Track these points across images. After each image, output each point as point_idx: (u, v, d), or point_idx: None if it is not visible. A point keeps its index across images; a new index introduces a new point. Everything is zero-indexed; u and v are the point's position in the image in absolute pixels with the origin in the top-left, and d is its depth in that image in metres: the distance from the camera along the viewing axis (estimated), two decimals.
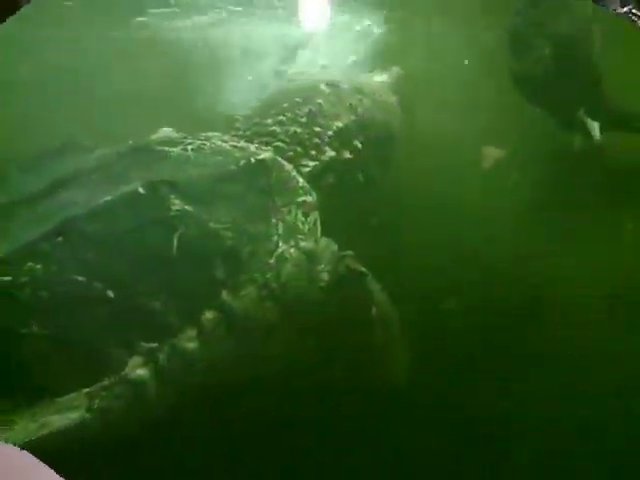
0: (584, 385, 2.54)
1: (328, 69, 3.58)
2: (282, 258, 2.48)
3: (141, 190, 2.31)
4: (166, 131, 2.87)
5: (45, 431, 1.96)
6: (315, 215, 2.66)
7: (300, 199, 2.65)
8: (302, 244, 2.56)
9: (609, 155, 3.49)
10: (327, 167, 2.92)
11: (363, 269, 2.61)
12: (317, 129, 2.97)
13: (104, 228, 2.22)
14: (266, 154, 2.65)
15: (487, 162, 3.47)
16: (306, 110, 2.99)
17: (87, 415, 2.02)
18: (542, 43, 3.39)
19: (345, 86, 3.15)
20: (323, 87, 3.10)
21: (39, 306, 2.06)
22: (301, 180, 2.70)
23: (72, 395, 2.01)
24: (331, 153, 2.94)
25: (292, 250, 2.51)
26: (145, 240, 2.25)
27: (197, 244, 2.31)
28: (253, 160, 2.59)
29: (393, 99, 3.41)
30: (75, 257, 2.15)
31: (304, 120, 2.96)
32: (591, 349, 2.62)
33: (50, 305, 2.07)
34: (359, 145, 3.04)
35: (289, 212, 2.59)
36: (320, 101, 3.03)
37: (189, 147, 2.60)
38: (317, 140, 2.94)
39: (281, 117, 2.94)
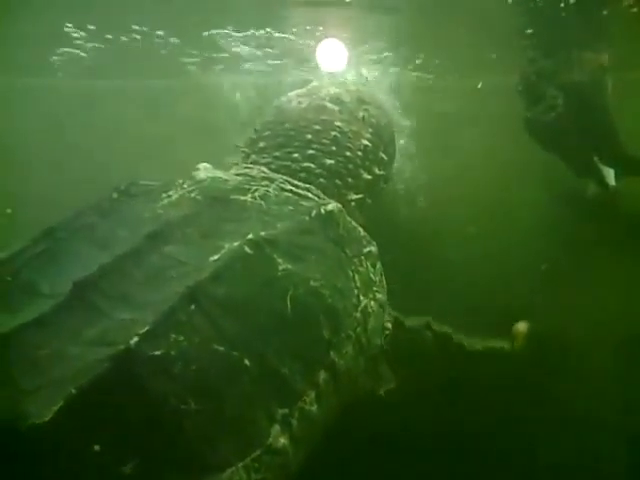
0: None
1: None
2: (365, 312, 2.54)
3: (248, 250, 2.31)
4: (205, 167, 2.83)
5: None
6: (379, 265, 2.72)
7: (366, 250, 2.69)
8: (378, 296, 2.64)
9: (624, 202, 3.51)
10: (366, 191, 2.96)
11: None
12: (348, 154, 2.98)
13: (228, 293, 2.21)
14: (332, 205, 2.67)
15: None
16: (331, 136, 2.98)
17: None
18: (554, 92, 3.44)
19: (348, 99, 3.13)
20: (331, 106, 3.07)
21: (192, 381, 2.03)
22: (361, 230, 2.74)
23: (232, 470, 2.02)
24: (367, 176, 2.99)
25: (372, 303, 2.59)
26: (264, 303, 2.26)
27: (305, 304, 2.34)
28: (323, 211, 2.62)
29: (382, 97, 3.44)
30: (210, 325, 2.13)
31: (333, 149, 2.96)
32: None
33: (200, 379, 2.05)
34: (385, 157, 3.10)
35: (360, 263, 2.63)
36: (339, 124, 3.02)
37: (256, 194, 2.60)
38: (351, 166, 2.97)
39: (310, 151, 2.93)
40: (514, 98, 3.57)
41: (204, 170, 2.81)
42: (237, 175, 2.76)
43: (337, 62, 3.73)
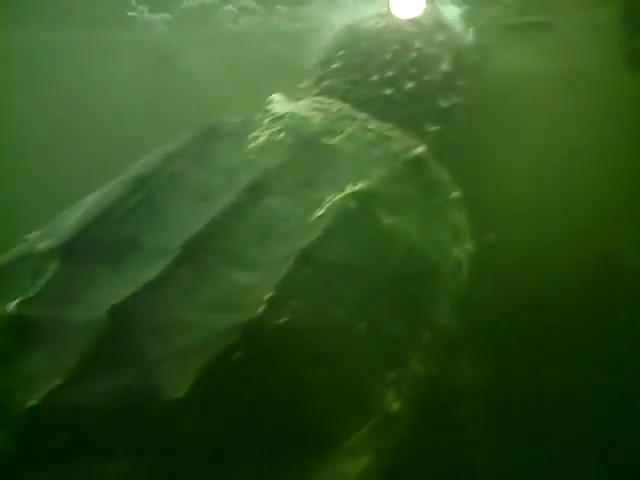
0: None
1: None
2: (458, 265, 2.44)
3: (351, 204, 2.21)
4: (279, 98, 2.70)
5: None
6: (464, 212, 2.60)
7: (452, 196, 2.58)
8: (467, 246, 2.52)
9: None
10: (443, 121, 2.82)
11: None
12: (427, 78, 2.83)
13: (339, 253, 2.12)
14: (419, 148, 2.56)
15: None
16: (412, 58, 2.83)
17: (374, 457, 1.97)
18: None
19: (427, 22, 2.97)
20: (410, 28, 2.91)
21: (316, 349, 1.96)
22: (446, 175, 2.62)
23: (355, 438, 1.94)
24: (445, 104, 2.84)
25: (464, 255, 2.48)
26: (373, 262, 2.18)
27: (409, 261, 2.26)
28: (411, 156, 2.52)
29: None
30: (326, 289, 2.04)
31: (413, 71, 2.80)
32: None
33: (324, 346, 1.98)
34: (462, 85, 2.95)
35: (449, 211, 2.53)
36: (418, 45, 2.86)
37: (344, 137, 2.48)
38: (430, 92, 2.83)
39: (390, 72, 2.78)
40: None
41: (278, 102, 2.67)
42: (316, 110, 2.62)
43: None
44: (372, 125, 2.60)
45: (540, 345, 2.66)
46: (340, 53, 2.85)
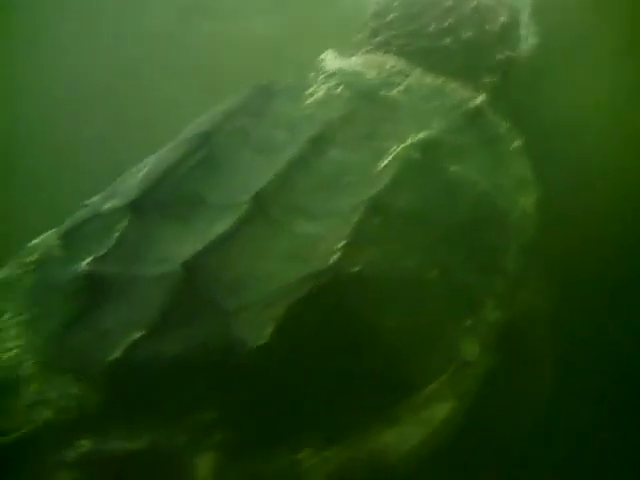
0: None
1: None
2: (525, 212, 2.39)
3: (415, 153, 2.18)
4: (332, 54, 2.65)
5: (428, 429, 1.90)
6: (527, 161, 2.54)
7: (514, 145, 2.52)
8: (531, 194, 2.46)
9: None
10: (498, 73, 2.74)
11: None
12: (487, 27, 2.74)
13: (406, 201, 2.09)
14: (479, 98, 2.51)
15: None
16: (472, 5, 2.73)
17: (456, 403, 1.96)
18: None
19: None
20: None
21: (391, 298, 1.93)
22: (505, 124, 2.56)
23: (433, 386, 1.92)
24: (502, 55, 2.75)
25: (529, 202, 2.42)
26: (441, 211, 2.15)
27: (477, 208, 2.22)
28: (471, 106, 2.47)
29: None
30: (396, 238, 2.02)
31: (474, 19, 2.72)
32: None
33: (399, 295, 1.95)
34: (518, 39, 2.86)
35: (512, 160, 2.47)
36: None
37: (401, 89, 2.45)
38: (488, 42, 2.73)
39: (449, 21, 2.69)
40: None
41: (331, 59, 2.62)
42: (370, 66, 2.58)
43: None
44: (428, 78, 2.55)
45: (605, 286, 2.61)
46: (396, 3, 2.77)
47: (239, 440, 1.71)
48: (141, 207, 2.00)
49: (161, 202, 2.02)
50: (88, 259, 1.92)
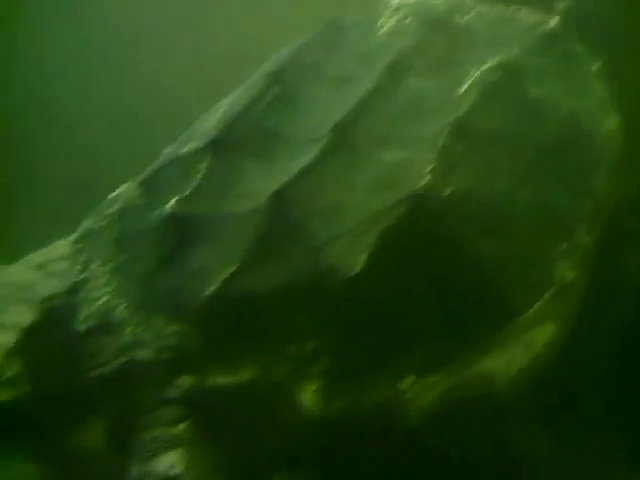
0: None
1: None
2: (609, 136, 2.29)
3: (494, 77, 2.12)
4: None
5: (531, 353, 1.86)
6: (605, 83, 2.44)
7: (592, 68, 2.42)
8: (614, 116, 2.36)
9: None
10: None
11: None
12: None
13: (491, 124, 2.03)
14: (552, 22, 2.41)
15: None
16: None
17: (556, 327, 1.91)
18: None
19: None
20: None
21: (483, 220, 1.88)
22: (583, 48, 2.46)
23: (534, 310, 1.87)
24: None
25: (613, 124, 2.32)
26: (526, 133, 2.08)
27: (563, 130, 2.15)
28: (546, 29, 2.39)
29: None
30: (483, 160, 1.96)
31: None
32: None
33: (491, 217, 1.90)
34: None
35: (592, 83, 2.38)
36: None
37: (472, 14, 2.37)
38: None
39: None
40: None
41: None
42: None
43: None
44: (498, 5, 2.45)
45: None
46: None
47: (341, 369, 1.67)
48: (221, 146, 1.97)
49: (241, 140, 1.99)
50: (172, 201, 1.90)
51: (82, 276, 1.94)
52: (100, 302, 1.86)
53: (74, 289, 1.92)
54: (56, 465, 1.93)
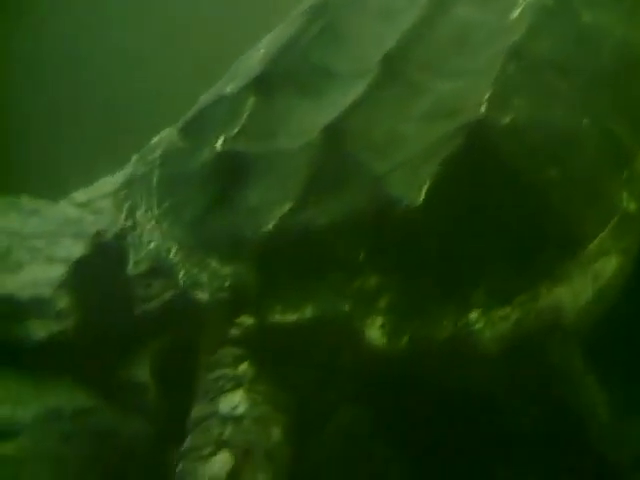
0: None
1: None
2: None
3: (550, 2, 2.03)
4: None
5: (598, 284, 1.79)
6: None
7: None
8: None
9: None
10: None
11: None
12: None
13: (548, 50, 1.95)
14: None
15: None
16: None
17: (622, 258, 1.83)
18: None
19: None
20: None
21: (546, 148, 1.80)
22: None
23: (598, 239, 1.79)
24: None
25: None
26: (584, 58, 1.99)
27: (618, 56, 2.05)
28: None
29: None
30: (542, 87, 1.88)
31: None
32: None
33: (553, 145, 1.82)
34: None
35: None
36: None
37: None
38: None
39: None
40: None
41: None
42: None
43: None
44: None
45: None
46: None
47: (405, 303, 1.60)
48: (267, 82, 1.91)
49: (286, 75, 1.92)
50: (220, 140, 1.84)
51: (128, 223, 1.89)
52: (151, 247, 1.81)
53: (121, 235, 1.89)
54: (105, 396, 1.94)
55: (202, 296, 1.67)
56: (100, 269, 2.02)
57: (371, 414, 1.85)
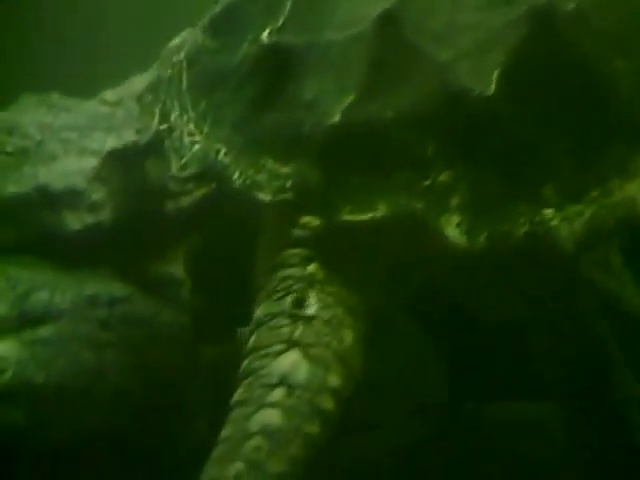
0: None
1: None
2: None
3: None
4: None
5: None
6: None
7: None
8: None
9: None
10: None
11: None
12: None
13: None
14: None
15: None
16: None
17: None
18: None
19: None
20: None
21: (612, 35, 1.70)
22: None
23: None
24: None
25: None
26: None
27: None
28: None
29: None
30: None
31: None
32: None
33: (618, 31, 1.71)
34: None
35: None
36: None
37: None
38: None
39: None
40: None
41: None
42: None
43: None
44: None
45: None
46: None
47: (478, 200, 1.54)
48: None
49: None
50: (265, 33, 1.73)
51: (163, 126, 1.81)
52: (195, 149, 1.72)
53: (158, 139, 1.81)
54: (141, 287, 1.94)
55: (263, 197, 1.59)
56: (135, 164, 2.01)
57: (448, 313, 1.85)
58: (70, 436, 1.79)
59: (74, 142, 2.08)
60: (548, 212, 1.56)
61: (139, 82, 2.22)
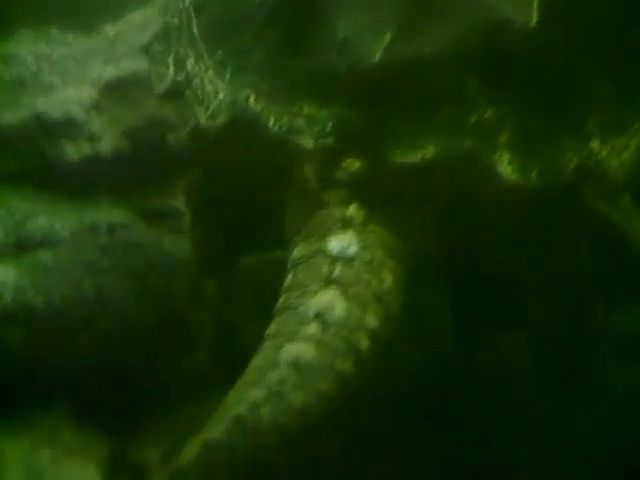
0: None
1: None
2: None
3: None
4: None
5: None
6: None
7: None
8: None
9: None
10: None
11: None
12: None
13: None
14: None
15: None
16: None
17: None
18: None
19: None
20: None
21: None
22: None
23: None
24: None
25: None
26: None
27: None
28: None
29: None
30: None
31: None
32: None
33: None
34: None
35: None
36: None
37: None
38: None
39: None
40: None
41: None
42: None
43: None
44: None
45: None
46: None
47: (525, 135, 1.51)
48: None
49: None
50: None
51: (180, 76, 1.74)
52: (221, 97, 1.65)
53: (177, 88, 1.75)
54: (141, 216, 1.92)
55: (305, 142, 1.53)
56: (133, 93, 1.97)
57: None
58: (69, 365, 1.77)
59: (72, 73, 2.04)
60: (595, 145, 1.52)
61: (138, 17, 2.20)
